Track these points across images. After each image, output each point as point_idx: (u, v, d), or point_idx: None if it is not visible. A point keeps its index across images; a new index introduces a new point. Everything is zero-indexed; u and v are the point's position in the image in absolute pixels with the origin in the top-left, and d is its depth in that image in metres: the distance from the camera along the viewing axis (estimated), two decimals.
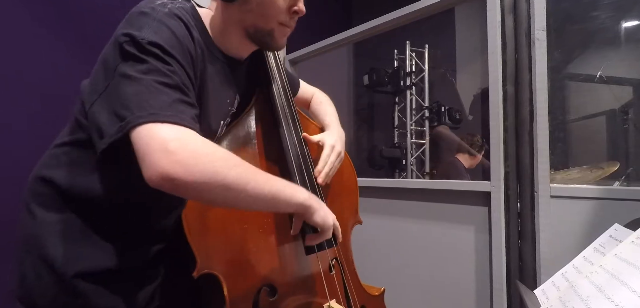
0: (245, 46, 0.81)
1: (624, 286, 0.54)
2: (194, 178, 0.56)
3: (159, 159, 0.55)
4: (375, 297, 1.02)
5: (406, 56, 3.54)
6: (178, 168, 0.55)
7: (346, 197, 1.02)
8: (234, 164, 0.62)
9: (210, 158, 0.59)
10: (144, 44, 0.61)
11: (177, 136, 0.57)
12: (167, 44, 0.63)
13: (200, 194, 0.60)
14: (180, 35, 0.66)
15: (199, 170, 0.57)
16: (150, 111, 0.57)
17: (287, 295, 0.84)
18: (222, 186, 0.60)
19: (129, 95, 0.59)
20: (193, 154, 0.57)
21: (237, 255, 0.79)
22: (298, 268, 0.88)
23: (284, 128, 0.86)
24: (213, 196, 0.61)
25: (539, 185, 1.22)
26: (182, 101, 0.62)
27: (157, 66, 0.61)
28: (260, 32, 0.77)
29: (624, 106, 1.94)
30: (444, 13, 1.64)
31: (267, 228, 0.84)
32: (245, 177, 0.63)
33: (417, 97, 3.59)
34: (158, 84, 0.60)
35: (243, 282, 0.78)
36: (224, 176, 0.60)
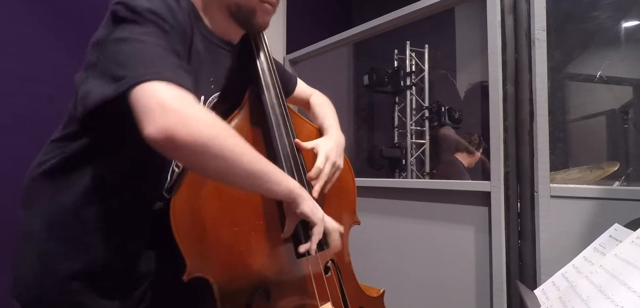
0: (230, 26, 0.81)
1: (624, 286, 0.54)
2: (193, 138, 0.56)
3: (162, 115, 0.54)
4: (375, 298, 1.01)
5: (406, 56, 3.54)
6: (180, 127, 0.54)
7: (344, 198, 1.00)
8: (232, 134, 0.62)
9: (211, 122, 0.59)
10: (141, 10, 0.61)
11: (180, 96, 0.57)
12: (162, 13, 0.63)
13: (197, 157, 0.58)
14: (173, 7, 0.66)
15: (199, 131, 0.56)
16: (153, 69, 0.57)
17: (281, 298, 0.82)
18: (218, 152, 0.59)
19: (129, 55, 0.58)
20: (195, 116, 0.57)
21: (229, 258, 0.77)
22: (292, 271, 0.86)
23: (275, 130, 0.84)
24: (208, 162, 0.60)
25: (539, 185, 1.22)
26: (181, 67, 0.62)
27: (156, 30, 0.61)
28: (243, 9, 0.77)
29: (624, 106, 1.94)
30: (444, 13, 1.64)
31: (258, 230, 0.82)
32: (241, 148, 0.63)
33: (417, 97, 3.59)
34: (159, 47, 0.60)
35: (235, 286, 0.77)
36: (222, 142, 0.59)
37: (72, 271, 0.70)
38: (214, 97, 0.84)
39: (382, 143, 3.56)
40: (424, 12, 1.58)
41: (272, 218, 0.83)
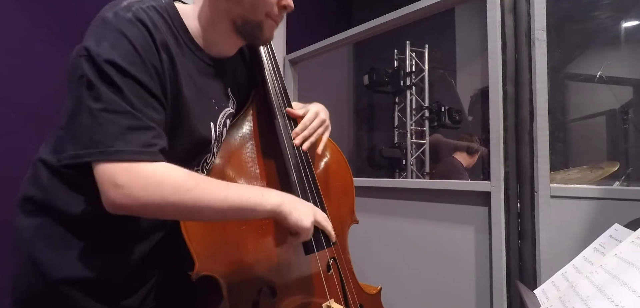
0: (231, 40, 0.80)
1: (624, 286, 0.54)
2: (145, 206, 0.60)
3: (110, 193, 0.59)
4: (372, 295, 1.02)
5: (406, 56, 3.53)
6: (127, 200, 0.59)
7: (343, 197, 1.02)
8: (188, 188, 0.63)
9: (159, 188, 0.61)
10: (100, 62, 0.60)
11: (124, 170, 0.59)
12: (124, 61, 0.61)
13: (160, 215, 0.64)
14: (141, 45, 0.63)
15: (148, 199, 0.60)
16: (98, 148, 0.59)
17: (286, 295, 0.84)
18: (178, 209, 0.63)
19: (81, 126, 0.61)
20: (142, 185, 0.60)
21: (236, 256, 0.79)
22: (297, 269, 0.88)
23: (281, 127, 0.86)
24: (175, 217, 0.66)
25: (539, 185, 1.22)
26: (133, 128, 0.61)
27: (106, 92, 0.60)
28: (249, 24, 0.76)
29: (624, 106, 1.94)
30: (444, 13, 1.64)
31: (265, 228, 0.83)
32: (202, 198, 0.64)
33: (417, 97, 3.59)
34: (106, 113, 0.60)
35: (242, 284, 0.78)
36: (176, 200, 0.62)
37: (67, 278, 0.70)
38: (223, 115, 0.83)
39: (382, 143, 3.56)
40: (424, 12, 1.58)
41: None
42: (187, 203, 0.63)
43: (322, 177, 0.97)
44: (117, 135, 0.60)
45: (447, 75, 3.66)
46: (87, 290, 0.71)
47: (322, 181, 0.92)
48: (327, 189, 0.96)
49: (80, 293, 0.71)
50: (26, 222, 0.73)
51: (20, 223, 0.74)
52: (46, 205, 0.72)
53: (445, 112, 3.36)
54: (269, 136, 0.88)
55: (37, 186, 0.73)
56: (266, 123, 0.88)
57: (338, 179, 1.00)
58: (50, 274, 0.70)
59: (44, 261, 0.70)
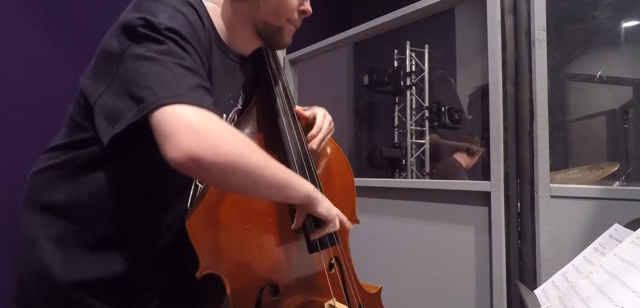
0: (251, 41, 0.82)
1: (624, 286, 0.54)
2: (218, 158, 0.56)
3: (185, 138, 0.54)
4: (373, 295, 1.03)
5: (406, 56, 3.53)
6: (204, 147, 0.54)
7: (344, 197, 1.02)
8: (254, 149, 0.63)
9: (234, 140, 0.59)
10: (162, 28, 0.60)
11: (202, 117, 0.57)
12: (184, 31, 0.62)
13: (222, 176, 0.59)
14: (194, 23, 0.66)
15: (224, 151, 0.57)
16: (174, 92, 0.56)
17: (289, 294, 0.84)
18: (243, 168, 0.60)
19: (149, 75, 0.58)
20: (219, 135, 0.57)
21: (240, 255, 0.79)
22: (300, 267, 0.88)
23: (285, 127, 0.86)
24: (234, 179, 0.60)
25: (539, 185, 1.22)
26: (203, 87, 0.61)
27: (176, 50, 0.60)
28: (270, 28, 0.79)
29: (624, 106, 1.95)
30: (444, 13, 1.64)
31: (269, 227, 0.84)
32: (264, 162, 0.64)
33: (417, 97, 3.59)
34: (179, 67, 0.59)
35: (246, 282, 0.79)
36: (246, 158, 0.60)
37: (77, 282, 0.69)
38: (233, 112, 0.85)
39: (382, 143, 3.56)
40: (424, 12, 1.58)
41: (282, 215, 0.85)
42: (254, 164, 0.61)
43: (324, 177, 0.97)
44: (192, 87, 0.58)
45: (447, 75, 3.65)
46: (98, 293, 0.71)
47: (323, 181, 0.92)
48: (329, 189, 0.96)
49: (91, 296, 0.70)
50: (33, 219, 0.72)
51: (25, 220, 0.73)
52: (54, 201, 0.71)
53: (445, 112, 3.36)
54: (273, 135, 0.88)
55: (45, 182, 0.72)
56: (270, 123, 0.89)
57: (339, 179, 1.00)
58: (61, 277, 0.68)
59: (53, 262, 0.69)
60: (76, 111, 0.71)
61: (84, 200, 0.70)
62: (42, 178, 0.73)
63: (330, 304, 0.86)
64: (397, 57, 3.60)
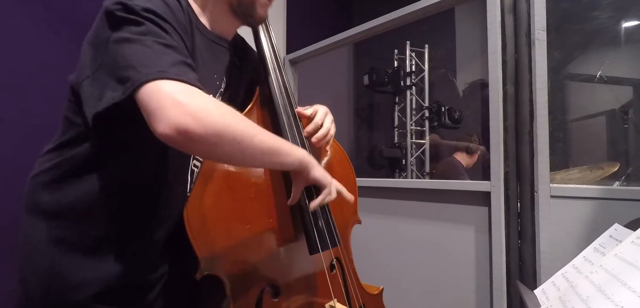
0: (228, 21, 0.84)
1: (624, 286, 0.54)
2: (205, 129, 0.56)
3: (171, 111, 0.55)
4: (374, 296, 1.03)
5: (406, 56, 3.53)
6: (190, 120, 0.55)
7: None
8: (241, 118, 0.64)
9: (220, 111, 0.60)
10: (138, 9, 0.61)
11: (187, 90, 0.57)
12: (161, 11, 0.63)
13: (211, 146, 0.59)
14: (171, 4, 0.67)
15: (211, 121, 0.57)
16: (157, 68, 0.57)
17: (289, 295, 0.84)
18: (232, 137, 0.60)
19: (131, 55, 0.58)
20: (204, 107, 0.58)
21: (240, 255, 0.79)
22: (300, 268, 0.88)
23: (286, 126, 0.86)
24: (222, 149, 0.61)
25: (539, 185, 1.22)
26: (185, 63, 0.62)
27: (155, 29, 0.61)
28: (243, 3, 0.80)
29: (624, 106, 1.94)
30: (444, 13, 1.64)
31: (270, 228, 0.84)
32: (252, 129, 0.65)
33: (417, 97, 3.58)
34: (160, 45, 0.60)
35: (246, 283, 0.78)
36: (234, 127, 0.61)
37: (83, 282, 0.70)
38: (219, 93, 0.86)
39: (382, 143, 3.56)
40: (424, 12, 1.58)
41: (283, 215, 0.85)
42: (242, 133, 0.62)
43: None
44: (173, 63, 0.59)
45: (449, 74, 3.65)
46: (103, 295, 0.71)
47: None
48: None
49: (95, 299, 0.70)
50: (33, 223, 0.72)
51: (26, 224, 0.72)
52: (52, 204, 0.71)
53: (445, 112, 3.35)
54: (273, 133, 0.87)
55: (43, 185, 0.73)
56: (270, 121, 0.88)
57: (341, 178, 0.99)
58: (64, 281, 0.69)
59: (57, 266, 0.69)
60: (67, 108, 0.72)
61: (82, 200, 0.71)
62: (40, 181, 0.73)
63: (331, 305, 0.86)
64: (397, 57, 3.60)
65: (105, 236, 0.72)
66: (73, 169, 0.71)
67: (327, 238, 0.84)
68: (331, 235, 0.85)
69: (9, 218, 0.83)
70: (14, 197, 0.79)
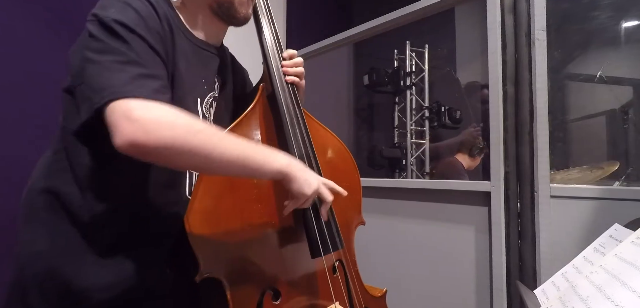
0: (214, 26, 0.86)
1: (624, 286, 0.54)
2: (156, 142, 0.59)
3: (124, 127, 0.58)
4: (378, 298, 1.01)
5: (406, 56, 3.53)
6: (141, 134, 0.58)
7: (349, 196, 0.98)
8: (198, 130, 0.63)
9: (171, 124, 0.61)
10: (108, 21, 0.64)
11: (138, 106, 0.60)
12: (131, 22, 0.65)
13: (167, 158, 0.62)
14: (145, 14, 0.69)
15: (160, 135, 0.59)
16: (111, 90, 0.60)
17: (290, 297, 0.83)
18: (186, 150, 0.61)
19: (92, 77, 0.63)
20: (155, 120, 0.60)
21: (241, 258, 0.78)
22: (302, 271, 0.86)
23: (289, 125, 0.85)
24: (180, 161, 0.64)
25: (539, 185, 1.22)
26: (142, 76, 0.63)
27: (114, 45, 0.64)
28: (223, 5, 0.82)
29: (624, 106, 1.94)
30: (444, 13, 1.64)
31: (271, 230, 0.83)
32: (211, 142, 0.64)
33: (417, 97, 3.58)
34: (116, 63, 0.63)
35: (246, 286, 0.77)
36: (186, 140, 0.61)
37: (87, 290, 0.70)
38: (209, 97, 0.85)
39: (382, 143, 3.56)
40: (424, 12, 1.58)
41: (284, 217, 0.83)
42: (197, 145, 0.62)
43: (329, 175, 0.92)
44: (128, 81, 0.62)
45: (453, 73, 3.64)
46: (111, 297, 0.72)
47: None
48: None
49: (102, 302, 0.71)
50: (41, 231, 0.72)
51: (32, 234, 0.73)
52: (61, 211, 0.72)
53: (445, 112, 3.35)
54: (276, 131, 0.87)
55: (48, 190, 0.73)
56: (273, 119, 0.87)
57: (344, 177, 0.97)
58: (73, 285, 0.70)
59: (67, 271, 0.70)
60: (64, 115, 0.74)
61: (83, 206, 0.71)
62: (39, 189, 0.74)
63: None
64: (397, 57, 3.60)
65: (107, 243, 0.72)
66: (72, 176, 0.71)
67: (329, 241, 0.83)
68: (333, 238, 0.84)
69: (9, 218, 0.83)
70: (14, 197, 0.79)
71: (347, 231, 0.97)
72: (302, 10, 2.87)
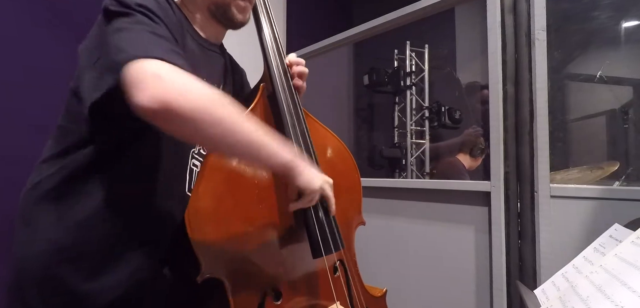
0: (213, 27, 0.87)
1: (624, 286, 0.54)
2: (188, 105, 0.56)
3: (155, 85, 0.54)
4: (378, 298, 1.01)
5: (406, 56, 3.53)
6: (173, 93, 0.55)
7: (350, 197, 1.00)
8: (226, 103, 0.62)
9: (204, 91, 0.60)
10: (132, 3, 0.64)
11: (172, 69, 0.58)
12: (153, 8, 0.66)
13: (192, 124, 0.58)
14: (163, 5, 0.70)
15: (193, 98, 0.57)
16: (145, 49, 0.58)
17: (291, 298, 0.83)
18: (214, 118, 0.59)
19: (122, 41, 0.60)
20: (188, 85, 0.58)
21: (242, 258, 0.78)
22: (303, 271, 0.86)
23: (289, 125, 0.84)
24: (204, 130, 0.59)
25: (539, 185, 1.22)
26: (174, 51, 0.63)
27: (146, 20, 0.64)
28: (219, 8, 0.84)
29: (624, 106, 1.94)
30: (444, 13, 1.64)
31: (272, 230, 0.82)
32: (236, 116, 0.63)
33: (417, 97, 3.58)
34: (150, 33, 0.62)
35: (248, 286, 0.77)
36: (216, 109, 0.60)
37: (87, 294, 0.70)
38: None
39: (382, 143, 3.55)
40: (424, 12, 1.58)
41: (286, 217, 0.83)
42: (221, 117, 0.60)
43: (328, 175, 0.90)
44: (161, 47, 0.61)
45: (454, 73, 3.64)
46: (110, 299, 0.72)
47: None
48: (334, 189, 0.92)
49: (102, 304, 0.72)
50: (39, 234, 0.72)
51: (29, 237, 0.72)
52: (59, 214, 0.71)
53: (445, 112, 3.35)
54: (276, 131, 0.85)
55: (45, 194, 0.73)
56: (274, 118, 0.87)
57: (345, 177, 0.97)
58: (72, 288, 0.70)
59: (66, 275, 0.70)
60: (64, 117, 0.74)
61: (81, 209, 0.71)
62: (35, 194, 0.74)
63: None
64: (397, 57, 3.60)
65: (106, 244, 0.72)
66: (70, 178, 0.71)
67: (331, 241, 0.82)
68: (335, 239, 0.84)
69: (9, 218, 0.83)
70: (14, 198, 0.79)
71: (347, 231, 0.97)
72: (302, 10, 2.87)
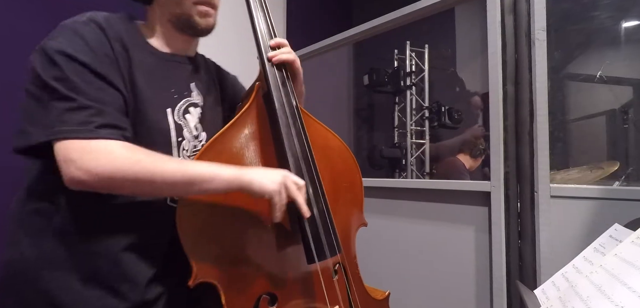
0: (179, 38, 0.85)
1: (624, 286, 0.54)
2: (97, 177, 0.63)
3: (66, 169, 0.64)
4: (380, 301, 1.00)
5: (406, 56, 3.53)
6: (82, 174, 0.63)
7: (350, 198, 0.98)
8: (137, 160, 0.66)
9: (109, 158, 0.64)
10: (51, 53, 0.66)
11: (75, 146, 0.64)
12: (73, 50, 0.67)
13: (112, 189, 0.67)
14: (91, 40, 0.70)
15: (101, 170, 0.64)
16: (47, 131, 0.65)
17: (287, 302, 0.81)
18: (128, 180, 0.65)
19: (33, 112, 0.68)
20: (93, 158, 0.64)
21: (235, 261, 0.76)
22: (299, 275, 0.84)
23: (283, 125, 0.82)
24: (126, 189, 0.67)
25: (539, 185, 1.21)
26: (73, 109, 0.65)
27: (52, 83, 0.65)
28: (181, 18, 0.82)
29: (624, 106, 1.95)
30: (444, 13, 1.64)
31: (266, 234, 0.80)
32: (152, 169, 0.66)
33: (417, 97, 3.58)
34: (61, 102, 0.65)
35: (242, 291, 0.76)
36: (126, 171, 0.65)
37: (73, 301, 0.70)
38: (182, 104, 0.84)
39: (382, 143, 3.56)
40: (424, 12, 1.58)
41: (280, 222, 0.80)
42: (139, 173, 0.65)
43: (328, 176, 0.91)
44: (57, 118, 0.65)
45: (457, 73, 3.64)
46: None
47: (327, 181, 0.88)
48: (334, 190, 0.91)
49: None
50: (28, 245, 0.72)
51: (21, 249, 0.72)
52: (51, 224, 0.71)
53: (445, 112, 3.35)
54: (272, 131, 0.84)
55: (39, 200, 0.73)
56: (268, 118, 0.85)
57: (345, 176, 0.94)
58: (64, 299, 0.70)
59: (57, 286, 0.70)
60: None
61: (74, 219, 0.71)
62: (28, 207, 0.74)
63: None
64: (397, 57, 3.60)
65: (100, 253, 0.72)
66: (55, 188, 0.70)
67: (326, 247, 0.80)
68: (330, 243, 0.81)
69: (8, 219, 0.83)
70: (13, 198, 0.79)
71: (347, 234, 0.95)
72: (302, 10, 2.86)
